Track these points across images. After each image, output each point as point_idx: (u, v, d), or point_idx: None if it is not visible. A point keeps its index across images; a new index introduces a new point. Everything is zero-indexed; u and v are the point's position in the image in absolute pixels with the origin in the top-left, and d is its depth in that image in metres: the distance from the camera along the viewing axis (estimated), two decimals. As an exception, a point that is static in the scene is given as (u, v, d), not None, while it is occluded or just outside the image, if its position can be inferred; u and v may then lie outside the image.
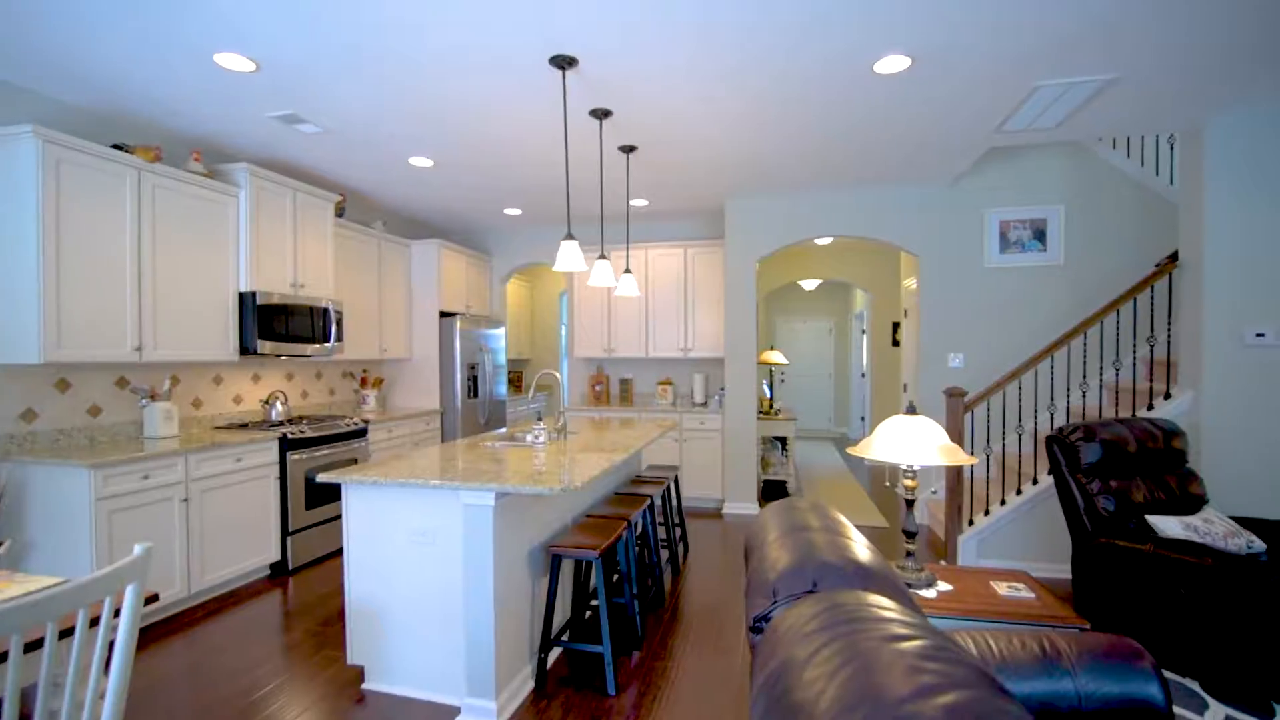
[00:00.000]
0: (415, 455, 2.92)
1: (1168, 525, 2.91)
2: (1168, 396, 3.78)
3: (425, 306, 5.74)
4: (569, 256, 2.92)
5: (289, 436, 3.91)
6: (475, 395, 5.93)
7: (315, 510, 4.12)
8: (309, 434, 4.06)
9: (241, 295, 3.92)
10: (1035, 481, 3.91)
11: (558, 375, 3.58)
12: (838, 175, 4.65)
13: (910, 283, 5.82)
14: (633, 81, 3.03)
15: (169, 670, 2.74)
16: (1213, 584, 2.53)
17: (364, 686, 2.57)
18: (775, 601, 1.10)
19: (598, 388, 6.25)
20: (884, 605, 0.95)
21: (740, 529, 5.01)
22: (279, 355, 4.09)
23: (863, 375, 9.10)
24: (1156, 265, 4.36)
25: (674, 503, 4.97)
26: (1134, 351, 4.15)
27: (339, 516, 4.32)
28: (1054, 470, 3.23)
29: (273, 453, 3.83)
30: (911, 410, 2.38)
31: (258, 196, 3.99)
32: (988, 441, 4.04)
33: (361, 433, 4.55)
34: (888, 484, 6.56)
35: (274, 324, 4.01)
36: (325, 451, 4.19)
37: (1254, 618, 2.43)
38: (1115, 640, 1.77)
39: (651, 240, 6.26)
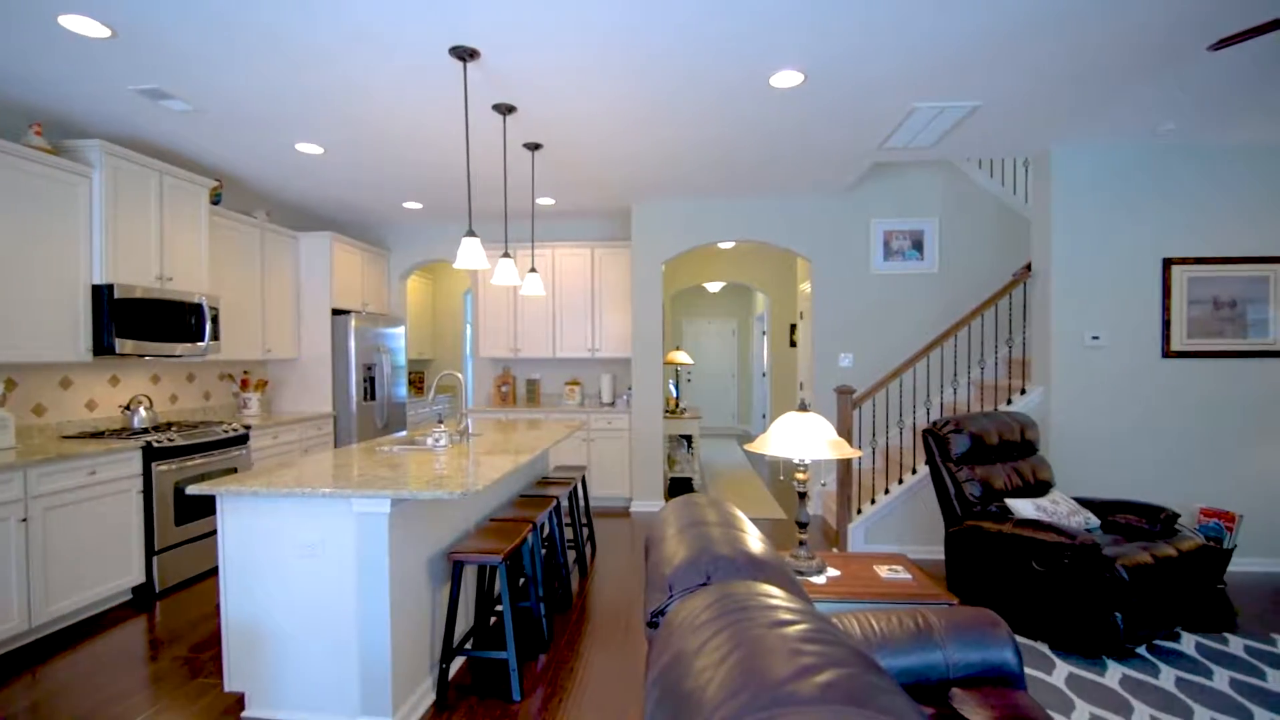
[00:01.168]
0: (304, 462, 2.74)
1: (1023, 507, 3.26)
2: (1023, 392, 4.23)
3: (316, 303, 5.38)
4: (470, 254, 2.84)
5: (154, 445, 3.54)
6: (372, 398, 5.64)
7: (187, 526, 3.76)
8: (179, 442, 3.70)
9: (96, 288, 3.51)
10: (915, 471, 4.25)
11: (460, 376, 3.47)
12: (739, 181, 4.83)
13: (805, 287, 6.15)
14: (537, 78, 2.99)
15: (4, 715, 2.40)
16: (1056, 557, 2.87)
17: (245, 714, 2.38)
18: (671, 596, 1.13)
19: (503, 389, 6.13)
20: (772, 594, 1.00)
21: (647, 527, 5.08)
22: (142, 355, 3.70)
23: (764, 374, 9.50)
24: (1014, 275, 4.86)
25: (581, 503, 4.97)
26: (996, 352, 4.62)
27: (216, 531, 3.96)
28: (929, 460, 3.53)
29: (135, 464, 3.45)
30: (803, 407, 2.52)
31: (115, 178, 3.58)
32: (874, 435, 4.35)
33: (242, 439, 4.20)
34: (782, 478, 6.89)
35: (136, 321, 3.62)
36: (199, 461, 3.84)
37: (1086, 585, 2.78)
38: (978, 613, 1.97)
39: (558, 239, 6.22)
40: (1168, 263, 3.97)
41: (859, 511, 4.31)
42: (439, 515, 2.67)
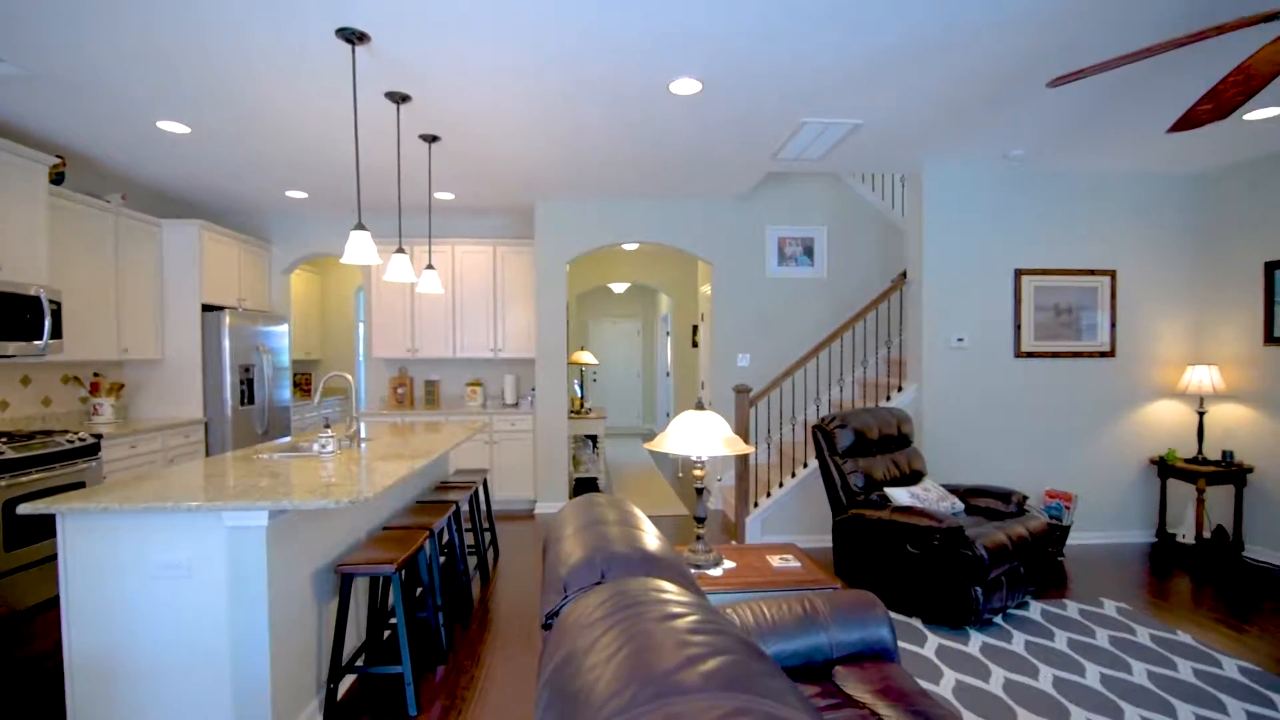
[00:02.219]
0: (168, 474, 2.48)
1: (899, 495, 3.54)
2: (900, 389, 4.59)
3: (183, 298, 4.89)
4: (359, 248, 2.70)
5: (-23, 460, 3.08)
6: (250, 401, 5.20)
7: (23, 550, 3.29)
8: (8, 454, 3.24)
9: (-103, 278, 3.00)
10: (806, 465, 4.50)
11: (350, 378, 3.28)
12: (642, 184, 4.89)
13: (706, 289, 6.33)
14: (433, 68, 2.89)
15: None
16: (928, 539, 3.14)
17: (92, 758, 2.12)
18: (566, 596, 1.14)
19: (400, 390, 5.86)
20: (664, 589, 1.03)
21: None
22: (-39, 357, 3.20)
23: (667, 374, 9.69)
24: (892, 281, 5.27)
25: (483, 507, 4.85)
26: (877, 352, 4.98)
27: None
28: (819, 454, 3.75)
29: (-49, 482, 2.99)
30: (700, 406, 2.60)
31: (-76, 151, 3.08)
32: (769, 431, 4.56)
33: (91, 450, 3.74)
34: (680, 474, 7.06)
35: (-48, 317, 3.13)
36: (36, 475, 3.37)
37: (952, 563, 3.06)
38: (858, 595, 2.12)
39: (459, 236, 6.03)
40: (1019, 273, 4.45)
41: (756, 505, 4.50)
42: (326, 526, 2.52)
